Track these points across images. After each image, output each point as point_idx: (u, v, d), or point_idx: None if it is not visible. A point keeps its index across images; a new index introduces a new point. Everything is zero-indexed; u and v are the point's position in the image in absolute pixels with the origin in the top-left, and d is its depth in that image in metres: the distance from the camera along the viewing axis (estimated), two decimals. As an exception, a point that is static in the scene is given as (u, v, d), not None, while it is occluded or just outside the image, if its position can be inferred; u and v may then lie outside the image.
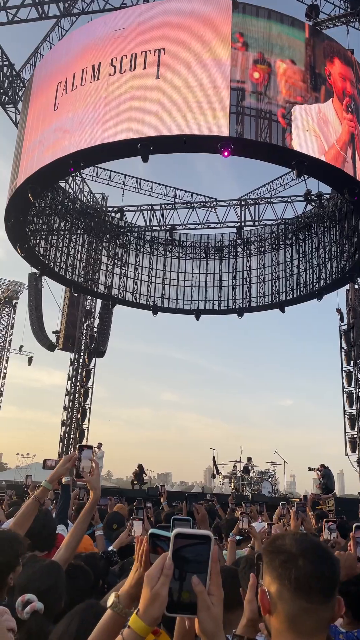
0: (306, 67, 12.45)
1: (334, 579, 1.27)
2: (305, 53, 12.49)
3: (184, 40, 12.12)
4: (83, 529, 2.77)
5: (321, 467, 16.01)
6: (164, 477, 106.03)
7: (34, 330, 23.15)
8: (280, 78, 12.10)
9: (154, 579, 1.14)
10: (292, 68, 12.25)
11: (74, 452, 2.84)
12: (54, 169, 13.20)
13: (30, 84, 15.33)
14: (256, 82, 11.90)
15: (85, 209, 20.55)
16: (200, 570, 1.11)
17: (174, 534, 1.13)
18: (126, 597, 1.37)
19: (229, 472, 19.30)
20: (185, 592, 1.11)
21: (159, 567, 1.14)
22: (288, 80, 12.13)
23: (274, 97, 11.89)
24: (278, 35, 12.36)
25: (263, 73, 11.95)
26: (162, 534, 1.32)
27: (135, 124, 11.86)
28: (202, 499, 9.13)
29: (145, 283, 22.08)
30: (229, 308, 21.79)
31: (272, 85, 11.96)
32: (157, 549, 1.33)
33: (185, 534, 1.13)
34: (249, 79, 11.85)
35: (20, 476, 25.02)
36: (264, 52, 12.12)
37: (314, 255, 19.98)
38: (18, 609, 2.09)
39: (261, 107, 11.76)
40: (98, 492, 2.77)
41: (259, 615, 1.57)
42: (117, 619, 1.36)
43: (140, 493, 14.94)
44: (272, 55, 12.17)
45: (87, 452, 2.78)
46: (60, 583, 2.37)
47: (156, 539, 1.32)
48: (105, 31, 12.97)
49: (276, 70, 12.09)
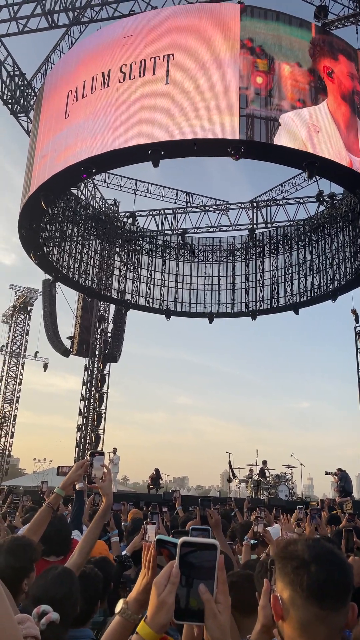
0: (312, 68, 12.38)
1: (347, 586, 1.25)
2: (311, 53, 12.43)
3: (193, 45, 12.17)
4: (96, 534, 2.78)
5: (338, 470, 15.86)
6: (180, 481, 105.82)
7: (49, 336, 23.31)
8: (286, 82, 12.05)
9: (161, 586, 1.14)
10: (299, 71, 12.19)
11: (86, 459, 2.86)
12: (66, 176, 13.32)
13: (41, 92, 15.51)
14: (259, 87, 11.85)
15: (97, 215, 20.68)
16: (207, 577, 1.11)
17: (180, 542, 1.13)
18: (134, 603, 1.38)
19: (245, 476, 19.19)
20: (193, 599, 1.11)
21: (166, 575, 1.14)
22: (294, 85, 12.08)
23: (278, 102, 11.83)
24: (286, 38, 12.34)
25: (267, 78, 11.90)
26: (169, 540, 1.32)
27: (146, 129, 11.92)
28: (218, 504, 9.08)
29: (158, 287, 22.13)
30: (243, 311, 21.73)
31: (276, 90, 11.90)
32: (162, 551, 1.34)
33: (191, 543, 1.13)
34: (252, 85, 11.81)
35: (37, 481, 25.14)
36: (270, 56, 12.08)
37: (327, 256, 19.84)
38: (34, 620, 2.10)
39: (266, 113, 11.70)
40: (110, 498, 2.78)
41: (273, 621, 1.55)
42: (125, 625, 1.37)
43: (157, 497, 14.93)
44: (279, 59, 12.14)
45: (99, 458, 2.79)
46: (75, 590, 2.38)
47: (163, 545, 1.32)
48: (115, 38, 13.08)
49: (281, 74, 12.05)
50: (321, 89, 12.33)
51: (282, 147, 11.70)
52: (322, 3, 14.38)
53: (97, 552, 3.96)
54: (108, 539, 4.73)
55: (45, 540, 2.77)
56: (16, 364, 33.65)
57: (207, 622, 1.11)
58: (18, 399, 32.91)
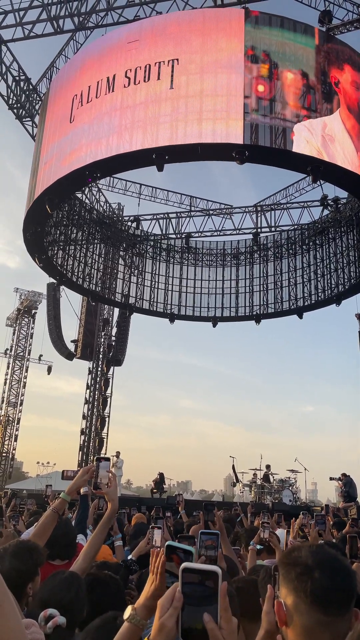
0: (317, 76, 12.38)
1: (351, 592, 1.25)
2: (315, 61, 12.45)
3: (197, 49, 12.22)
4: (101, 539, 2.78)
5: (343, 475, 15.79)
6: (183, 485, 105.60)
7: (53, 340, 23.37)
8: (289, 89, 12.05)
9: (164, 608, 1.15)
10: (302, 79, 12.19)
11: (92, 464, 2.86)
12: (71, 180, 13.38)
13: (46, 97, 15.60)
14: (261, 95, 11.85)
15: (101, 218, 20.75)
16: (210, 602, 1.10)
17: (181, 569, 1.12)
18: (142, 609, 1.39)
19: (249, 481, 19.14)
20: (199, 622, 1.10)
21: (169, 598, 1.15)
22: (297, 92, 12.08)
23: (281, 111, 11.83)
24: (289, 45, 12.32)
25: (269, 86, 11.90)
26: (178, 547, 1.33)
27: (150, 133, 11.97)
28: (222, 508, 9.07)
29: (162, 291, 22.15)
30: (246, 315, 21.72)
31: (279, 98, 11.89)
32: (172, 557, 1.34)
33: (193, 569, 1.12)
34: (254, 93, 11.80)
35: (40, 485, 25.16)
36: (274, 64, 12.07)
37: (331, 260, 19.82)
38: (41, 623, 2.11)
39: (270, 122, 11.69)
40: (116, 504, 2.78)
41: (277, 627, 1.55)
42: (134, 631, 1.40)
43: (160, 502, 14.90)
44: (282, 67, 12.13)
45: (105, 463, 2.80)
46: (81, 594, 2.39)
47: (173, 551, 1.32)
48: (119, 43, 13.15)
49: (284, 81, 12.05)
50: (330, 98, 12.31)
51: (286, 151, 11.72)
52: (327, 8, 14.43)
53: (100, 557, 3.96)
54: (111, 543, 4.73)
55: (50, 544, 2.77)
56: (20, 367, 33.74)
57: None
58: (22, 402, 33.01)
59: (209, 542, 2.31)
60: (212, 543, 2.29)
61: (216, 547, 2.30)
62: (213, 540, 2.30)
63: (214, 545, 2.30)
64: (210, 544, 2.30)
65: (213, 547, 2.29)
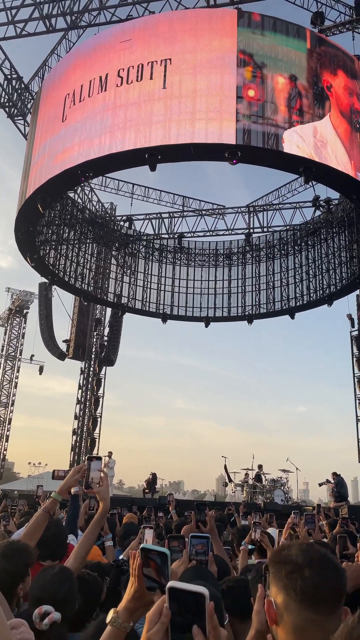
0: (308, 80, 12.38)
1: (341, 590, 1.25)
2: (307, 65, 12.45)
3: (190, 50, 12.22)
4: (92, 539, 2.77)
5: (334, 475, 15.86)
6: (175, 485, 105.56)
7: (45, 340, 23.27)
8: (279, 94, 12.05)
9: (151, 623, 1.13)
10: (293, 83, 12.19)
11: (83, 464, 2.84)
12: (63, 180, 13.33)
13: (38, 96, 15.53)
14: (252, 100, 11.83)
15: (94, 218, 20.70)
16: (199, 616, 1.08)
17: (167, 588, 1.09)
18: (124, 612, 1.41)
19: (241, 480, 19.16)
20: (188, 633, 1.08)
21: (157, 612, 1.13)
22: (287, 97, 12.07)
23: (271, 116, 11.81)
24: (281, 48, 12.30)
25: (260, 91, 11.89)
26: (152, 549, 1.32)
27: (143, 133, 11.95)
28: (213, 508, 9.08)
29: (154, 291, 22.14)
30: (239, 315, 21.76)
31: (270, 103, 11.89)
32: (150, 562, 1.33)
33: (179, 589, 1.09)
34: (245, 99, 11.77)
35: (32, 485, 25.03)
36: (265, 68, 12.06)
37: (323, 261, 19.91)
38: (36, 620, 2.10)
39: (262, 129, 11.69)
40: (107, 503, 2.77)
41: (267, 627, 1.55)
42: (117, 634, 1.41)
43: (152, 502, 14.88)
44: (273, 71, 12.11)
45: (96, 463, 2.78)
46: (74, 589, 2.39)
47: (148, 553, 1.32)
48: (112, 43, 13.12)
49: (275, 86, 12.03)
50: (322, 103, 12.34)
51: (279, 152, 11.75)
52: (319, 9, 14.49)
53: (90, 557, 3.95)
54: (102, 543, 4.71)
55: (41, 544, 2.76)
56: (12, 367, 33.55)
57: None
58: (13, 403, 32.79)
59: (199, 546, 2.30)
60: (203, 547, 2.28)
61: (206, 552, 2.29)
62: (203, 544, 2.29)
63: (204, 550, 2.29)
64: (200, 549, 2.29)
65: (203, 551, 2.28)
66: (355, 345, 20.88)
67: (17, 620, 1.36)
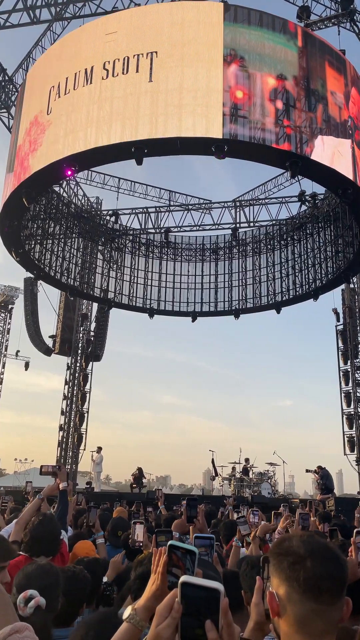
0: (298, 83, 12.33)
1: (343, 580, 1.26)
2: (298, 65, 12.40)
3: (176, 43, 12.13)
4: None
5: (319, 468, 16.04)
6: (163, 480, 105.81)
7: (30, 335, 23.07)
8: (268, 95, 11.96)
9: (161, 617, 1.12)
10: (281, 82, 12.14)
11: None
12: (48, 173, 13.19)
13: (22, 88, 15.31)
14: (240, 102, 11.73)
15: (79, 212, 20.54)
16: (212, 612, 1.07)
17: (180, 583, 1.08)
18: (143, 609, 1.36)
19: (228, 474, 19.28)
20: (199, 629, 1.07)
21: (168, 606, 1.12)
22: (275, 98, 11.97)
23: (259, 119, 11.73)
24: (269, 46, 12.17)
25: (248, 92, 11.83)
26: (181, 546, 1.28)
27: (129, 127, 11.85)
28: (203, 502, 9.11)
29: (141, 286, 22.08)
30: (226, 309, 21.81)
31: (258, 106, 11.81)
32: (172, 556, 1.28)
33: (193, 584, 1.08)
34: (231, 100, 11.65)
35: (18, 482, 24.93)
36: (250, 65, 11.96)
37: (309, 256, 20.02)
38: (20, 605, 2.07)
39: (249, 133, 11.61)
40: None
41: (267, 618, 1.55)
42: (133, 631, 1.37)
43: (140, 497, 14.90)
44: (259, 68, 11.99)
45: None
46: (59, 582, 2.38)
47: (175, 551, 1.28)
48: (97, 35, 12.97)
49: (263, 86, 11.94)
50: (309, 107, 12.27)
51: (265, 146, 11.74)
52: (305, 4, 14.50)
53: (83, 553, 3.94)
54: (94, 540, 4.69)
55: (35, 540, 2.74)
56: (-3, 363, 33.21)
57: None
58: (-1, 399, 32.48)
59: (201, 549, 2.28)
60: (206, 550, 2.24)
61: (209, 553, 2.26)
62: (206, 547, 2.26)
63: (207, 552, 2.26)
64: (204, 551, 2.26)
65: (206, 553, 2.25)
66: (340, 339, 21.09)
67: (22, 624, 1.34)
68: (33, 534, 3.02)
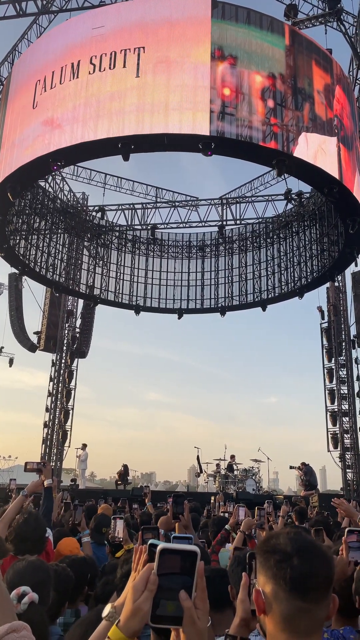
0: (285, 81, 12.32)
1: (329, 578, 1.26)
2: (285, 64, 12.41)
3: (164, 39, 12.07)
4: None
5: (302, 464, 16.18)
6: (147, 476, 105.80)
7: (15, 331, 22.86)
8: (256, 93, 12.01)
9: (137, 592, 1.12)
10: (269, 81, 12.14)
11: None
12: (33, 168, 13.06)
13: (8, 82, 15.12)
14: (227, 99, 11.71)
15: (65, 208, 20.37)
16: (185, 583, 1.09)
17: (159, 550, 1.11)
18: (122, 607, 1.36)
19: (213, 471, 19.34)
20: (170, 604, 1.09)
21: (143, 580, 1.12)
22: (263, 96, 11.99)
23: (246, 116, 11.71)
24: (256, 44, 12.16)
25: (235, 90, 11.81)
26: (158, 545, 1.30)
27: (116, 122, 11.78)
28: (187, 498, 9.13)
29: (127, 282, 22.00)
30: (212, 307, 21.85)
31: (245, 104, 11.80)
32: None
33: (171, 549, 1.11)
34: (219, 97, 11.64)
35: (2, 479, 24.71)
36: (238, 63, 11.94)
37: (295, 254, 20.12)
38: (14, 601, 2.06)
39: (236, 131, 11.58)
40: None
41: (252, 615, 1.55)
42: None
43: (125, 493, 14.87)
44: (248, 67, 11.98)
45: None
46: (50, 578, 2.38)
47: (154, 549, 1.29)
48: (85, 29, 12.85)
49: (251, 84, 11.93)
50: (296, 106, 12.32)
51: (252, 144, 11.75)
52: (292, 2, 14.53)
53: (67, 551, 3.92)
54: (79, 538, 4.67)
55: (20, 539, 2.72)
56: (-19, 359, 32.86)
57: (186, 628, 1.10)
58: (-18, 396, 32.21)
59: None
60: None
61: None
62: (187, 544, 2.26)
63: None
64: None
65: None
66: (325, 336, 21.25)
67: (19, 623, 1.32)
68: (18, 532, 2.99)
